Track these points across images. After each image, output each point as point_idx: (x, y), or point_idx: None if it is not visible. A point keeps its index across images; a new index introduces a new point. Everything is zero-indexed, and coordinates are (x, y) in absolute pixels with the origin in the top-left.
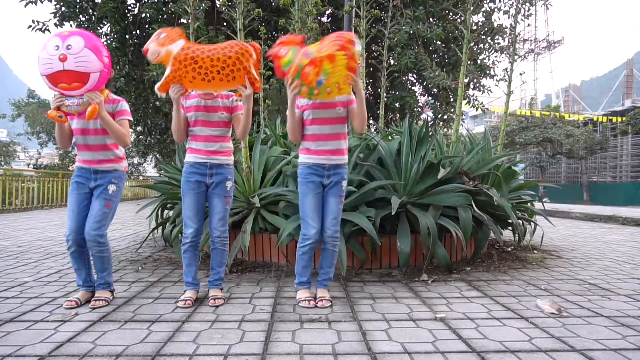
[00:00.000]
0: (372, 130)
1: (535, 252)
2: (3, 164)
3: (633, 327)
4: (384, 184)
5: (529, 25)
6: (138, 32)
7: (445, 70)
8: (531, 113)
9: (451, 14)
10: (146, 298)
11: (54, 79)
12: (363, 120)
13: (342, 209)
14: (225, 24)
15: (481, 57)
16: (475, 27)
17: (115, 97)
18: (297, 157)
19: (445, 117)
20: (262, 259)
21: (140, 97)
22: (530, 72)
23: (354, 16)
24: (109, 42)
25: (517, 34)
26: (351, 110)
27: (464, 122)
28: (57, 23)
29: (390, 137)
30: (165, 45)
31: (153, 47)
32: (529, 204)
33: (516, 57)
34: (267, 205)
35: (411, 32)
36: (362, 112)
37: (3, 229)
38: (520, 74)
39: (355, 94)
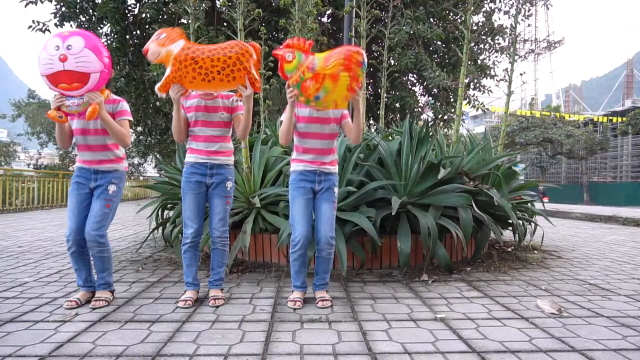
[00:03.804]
0: (372, 130)
1: (535, 252)
2: (3, 164)
3: (633, 327)
4: (384, 184)
5: (529, 25)
6: (138, 32)
7: (445, 70)
8: (531, 113)
9: (451, 14)
10: (146, 298)
11: (54, 79)
12: (359, 134)
13: (335, 214)
14: (225, 24)
15: (481, 57)
16: (475, 27)
17: (115, 97)
18: None
19: (445, 117)
20: (262, 259)
21: (140, 97)
22: (530, 72)
23: (354, 16)
24: (109, 42)
25: (517, 34)
26: (345, 124)
27: (464, 122)
28: (57, 23)
29: (390, 137)
30: (165, 45)
31: (153, 47)
32: (529, 204)
33: (516, 57)
34: (267, 205)
35: (411, 32)
36: (358, 127)
37: (3, 229)
38: (520, 74)
39: (354, 109)
